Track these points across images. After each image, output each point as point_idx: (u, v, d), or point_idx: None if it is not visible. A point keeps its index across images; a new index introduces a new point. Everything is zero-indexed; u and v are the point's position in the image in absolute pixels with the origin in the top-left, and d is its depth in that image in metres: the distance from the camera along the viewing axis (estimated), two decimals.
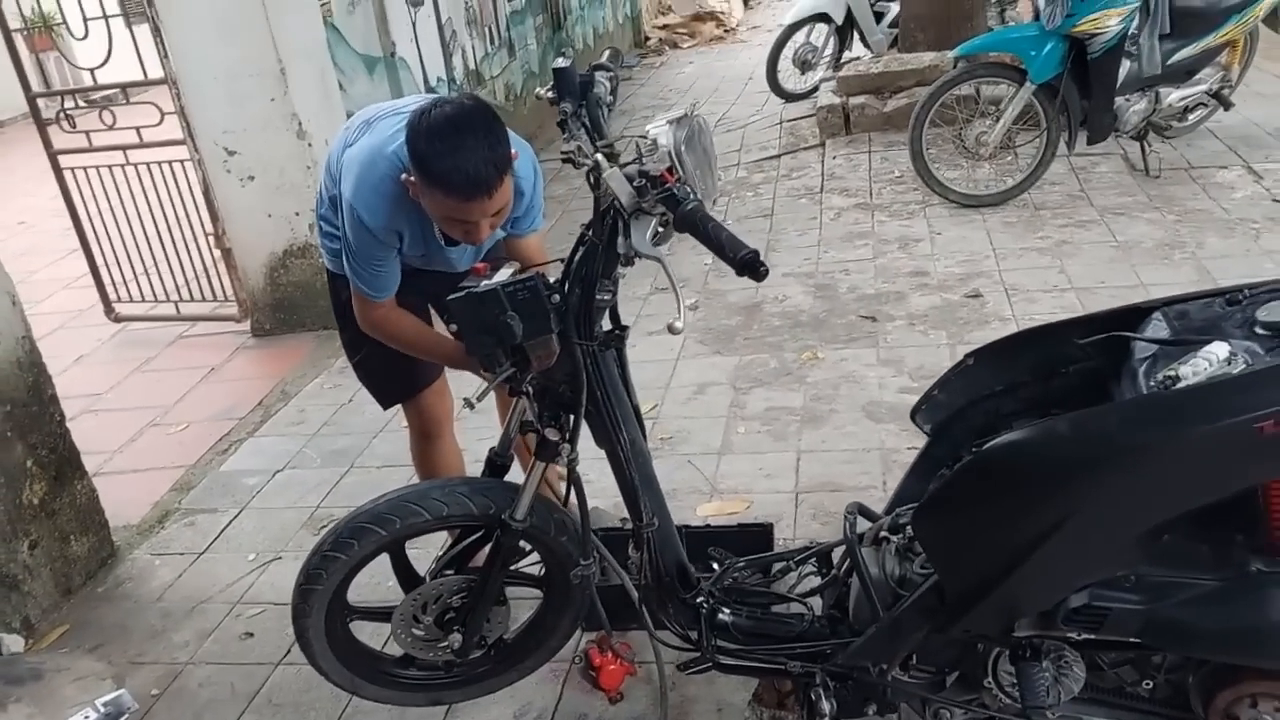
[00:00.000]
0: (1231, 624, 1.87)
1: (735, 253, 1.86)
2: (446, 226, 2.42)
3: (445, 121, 2.22)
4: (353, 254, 2.56)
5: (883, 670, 2.18)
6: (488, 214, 2.31)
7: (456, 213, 2.30)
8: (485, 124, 2.25)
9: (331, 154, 2.72)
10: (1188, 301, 2.06)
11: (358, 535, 2.38)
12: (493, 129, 2.26)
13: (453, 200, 2.26)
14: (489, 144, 2.23)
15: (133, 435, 4.71)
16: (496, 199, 2.28)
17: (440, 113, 2.23)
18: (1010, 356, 2.27)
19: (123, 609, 3.48)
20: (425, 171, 2.25)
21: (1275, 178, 5.74)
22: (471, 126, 2.22)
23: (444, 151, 2.20)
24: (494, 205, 2.29)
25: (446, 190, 2.24)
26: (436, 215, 2.38)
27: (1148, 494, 1.79)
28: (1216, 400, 1.72)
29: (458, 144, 2.20)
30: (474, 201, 2.25)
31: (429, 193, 2.29)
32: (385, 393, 3.09)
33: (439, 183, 2.24)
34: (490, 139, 2.24)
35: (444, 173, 2.21)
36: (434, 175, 2.23)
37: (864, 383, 4.22)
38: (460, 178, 2.21)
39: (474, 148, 2.20)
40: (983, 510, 1.91)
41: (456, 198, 2.25)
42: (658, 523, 2.33)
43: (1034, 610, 1.96)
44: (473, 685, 2.70)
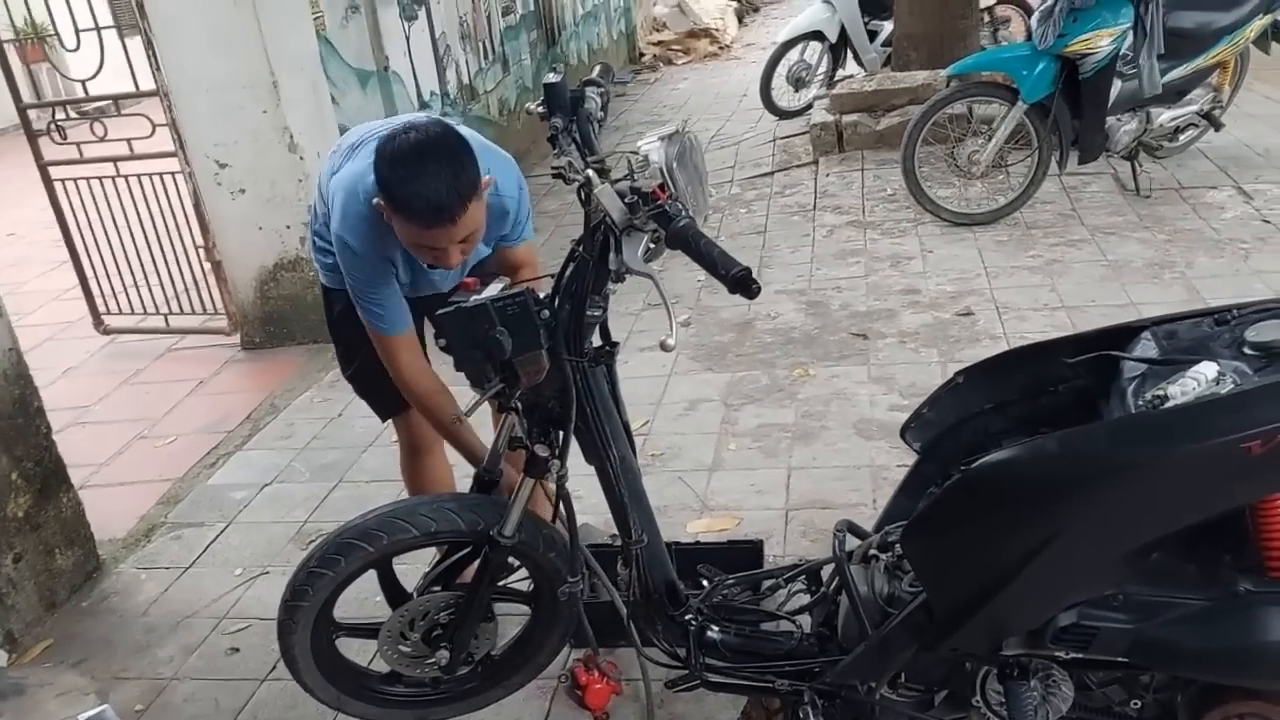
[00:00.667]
0: (1219, 643, 1.86)
1: (727, 270, 1.86)
2: (415, 252, 2.41)
3: (410, 148, 2.21)
4: (355, 290, 2.55)
5: (871, 688, 2.17)
6: (454, 240, 2.29)
7: (422, 239, 2.29)
8: (450, 151, 2.23)
9: (322, 175, 2.72)
10: (1176, 321, 2.07)
11: (345, 551, 2.37)
12: (458, 155, 2.24)
13: (415, 226, 2.24)
14: (453, 171, 2.21)
15: (120, 448, 4.69)
16: (461, 226, 2.25)
17: (405, 139, 2.22)
18: (1000, 375, 2.26)
19: (107, 623, 3.46)
20: (390, 197, 2.24)
21: (1265, 198, 5.76)
22: (435, 153, 2.21)
23: (406, 178, 2.19)
24: (459, 232, 2.27)
25: (408, 216, 2.23)
26: (405, 240, 2.36)
27: (1136, 513, 1.79)
28: (1204, 420, 1.72)
29: (420, 170, 2.19)
30: (437, 228, 2.23)
31: (396, 219, 2.28)
32: (382, 404, 3.07)
33: (402, 209, 2.23)
34: (455, 166, 2.22)
35: (406, 198, 2.20)
36: (397, 201, 2.22)
37: (855, 400, 4.21)
38: (421, 204, 2.20)
39: (436, 174, 2.19)
40: (971, 528, 1.91)
41: (419, 224, 2.23)
42: (647, 540, 2.32)
43: (1022, 629, 1.96)
44: (459, 702, 2.68)
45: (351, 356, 2.92)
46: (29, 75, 6.08)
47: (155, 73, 5.18)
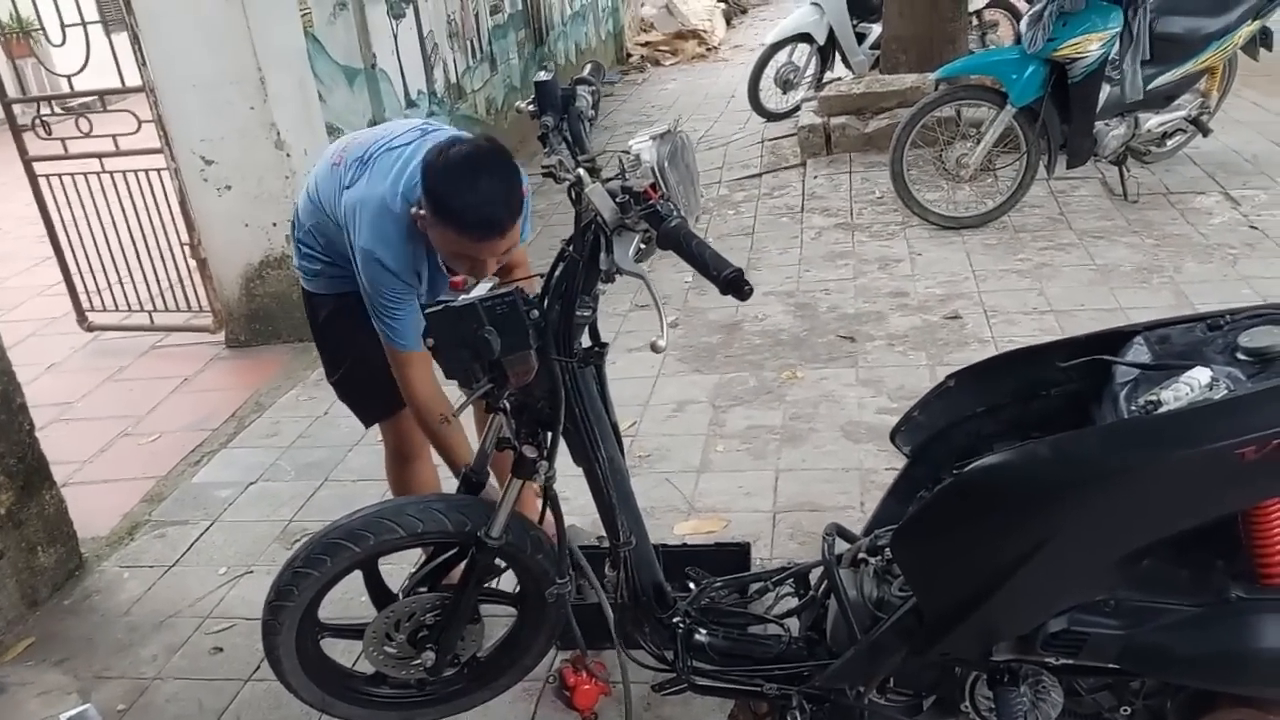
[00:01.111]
0: (1211, 650, 1.85)
1: (719, 271, 1.85)
2: (453, 261, 2.43)
3: (463, 160, 2.25)
4: (374, 302, 2.54)
5: (860, 693, 2.16)
6: (497, 253, 2.34)
7: (467, 250, 2.32)
8: (502, 166, 2.29)
9: (318, 186, 2.71)
10: (1169, 326, 2.05)
11: (330, 551, 2.35)
12: (509, 172, 2.29)
13: (465, 239, 2.27)
14: (506, 187, 2.27)
15: (103, 445, 4.66)
16: (508, 239, 2.31)
17: (458, 152, 2.26)
18: (991, 379, 2.25)
19: (90, 622, 3.43)
20: (440, 209, 2.27)
21: (1252, 204, 5.77)
22: (489, 168, 2.26)
23: (461, 191, 2.23)
24: (504, 245, 2.32)
25: (460, 229, 2.26)
26: (444, 250, 2.39)
27: (1128, 518, 1.78)
28: (1198, 425, 1.71)
29: (474, 184, 2.23)
30: (486, 242, 2.28)
31: (440, 229, 2.30)
32: (367, 409, 3.05)
33: (453, 222, 2.26)
34: (508, 182, 2.28)
35: (459, 211, 2.24)
36: (449, 213, 2.26)
37: (843, 402, 4.20)
38: (475, 217, 2.24)
39: (490, 188, 2.24)
40: (962, 533, 1.89)
41: (470, 237, 2.27)
42: (635, 542, 2.31)
43: (1013, 634, 1.95)
44: (445, 703, 2.66)
45: (338, 363, 2.91)
46: (14, 71, 6.02)
47: (141, 68, 5.14)
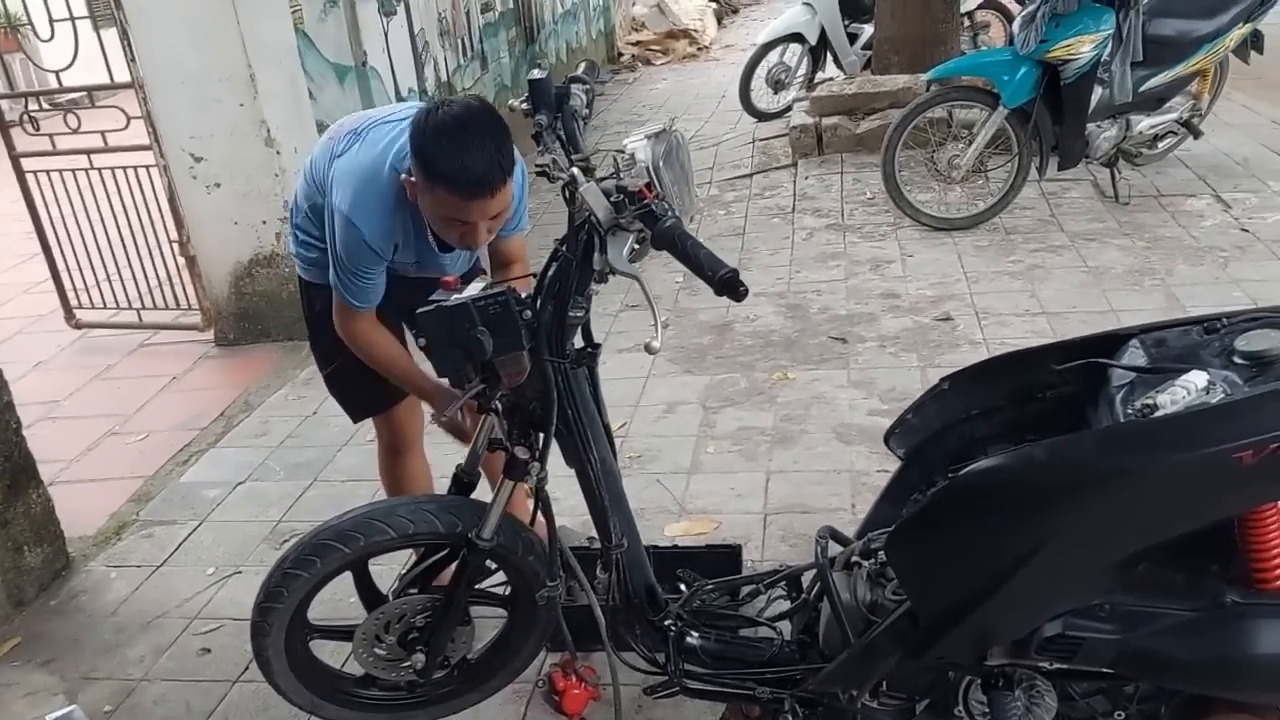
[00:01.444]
0: (1206, 655, 1.84)
1: (714, 271, 1.84)
2: (443, 229, 2.38)
3: (452, 120, 2.20)
4: (341, 264, 2.51)
5: (853, 697, 2.15)
6: (487, 215, 2.29)
7: (457, 212, 2.27)
8: (491, 124, 2.23)
9: (313, 163, 2.67)
10: (1165, 329, 2.05)
11: (321, 552, 2.33)
12: (498, 130, 2.24)
13: (455, 198, 2.22)
14: (495, 144, 2.21)
15: (91, 444, 4.62)
16: (498, 200, 2.26)
17: (447, 111, 2.21)
18: (986, 381, 2.24)
19: (76, 623, 3.40)
20: (430, 169, 2.21)
21: (1243, 207, 5.78)
22: (478, 126, 2.21)
23: (450, 150, 2.18)
24: (495, 206, 2.27)
25: (450, 188, 2.20)
26: (435, 216, 2.34)
27: (1124, 523, 1.77)
28: (1195, 429, 1.70)
29: (465, 142, 2.18)
30: (476, 200, 2.22)
31: (431, 192, 2.25)
32: (356, 406, 3.04)
33: (443, 180, 2.20)
34: (496, 139, 2.22)
35: (450, 171, 2.18)
36: (439, 173, 2.20)
37: (834, 404, 4.20)
38: (465, 176, 2.18)
39: (480, 146, 2.19)
40: (957, 536, 1.88)
41: (459, 196, 2.21)
42: (627, 544, 2.29)
43: (1008, 638, 1.94)
44: (435, 705, 2.64)
45: (331, 356, 2.88)
46: (2, 65, 5.99)
47: (130, 64, 5.10)
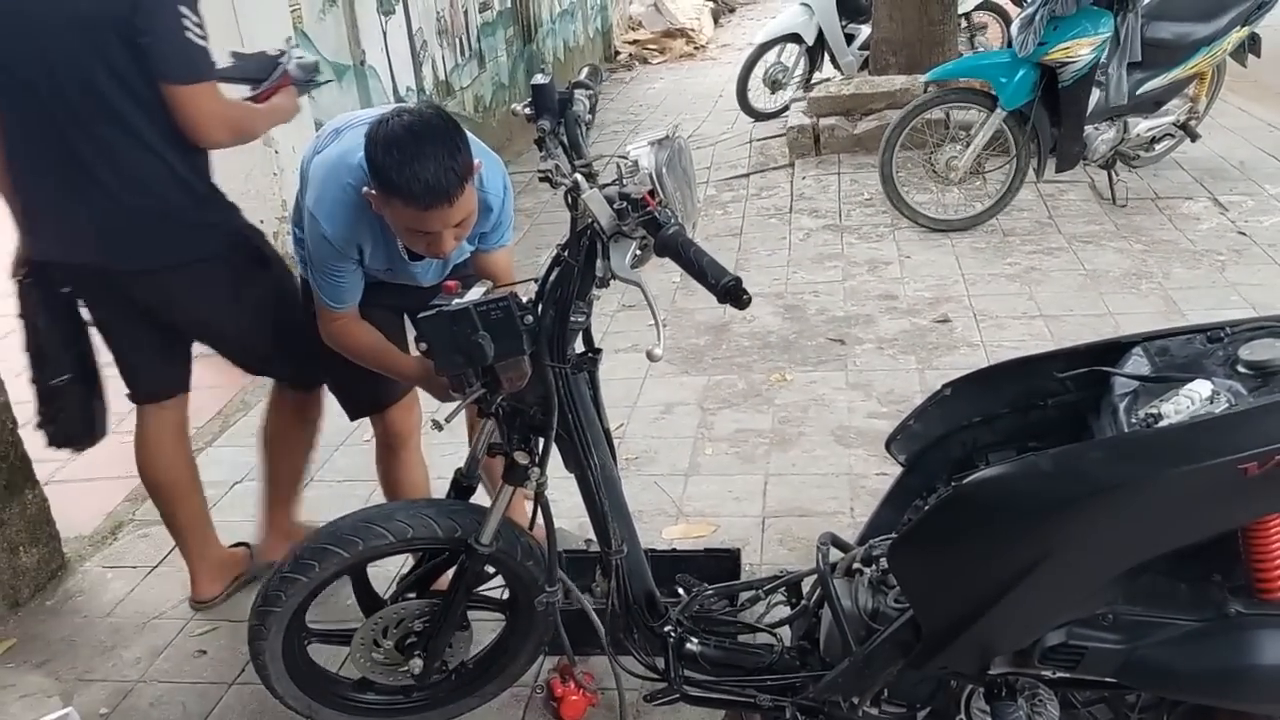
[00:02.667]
0: (1209, 666, 1.84)
1: (718, 279, 1.83)
2: (409, 239, 2.37)
3: (404, 130, 2.18)
4: (312, 263, 2.52)
5: (854, 705, 2.14)
6: (449, 224, 2.26)
7: (417, 223, 2.25)
8: (444, 132, 2.21)
9: (303, 162, 2.68)
10: (1169, 337, 2.04)
11: (319, 557, 2.33)
12: (452, 137, 2.21)
13: (412, 209, 2.20)
14: (448, 151, 2.18)
15: None
16: (458, 208, 2.23)
17: (399, 122, 2.19)
18: (988, 388, 2.24)
19: (72, 624, 3.38)
20: (384, 181, 2.20)
21: (1240, 210, 5.79)
22: (431, 135, 2.18)
23: (402, 160, 2.15)
24: (455, 215, 2.25)
25: (405, 199, 2.18)
26: (398, 227, 2.32)
27: (1128, 533, 1.76)
28: (1200, 440, 1.69)
29: (416, 152, 2.15)
30: (433, 210, 2.20)
31: (389, 203, 2.24)
32: (355, 404, 3.04)
33: (397, 192, 2.18)
34: (450, 147, 2.19)
35: (403, 182, 2.16)
36: (392, 185, 2.18)
37: (833, 406, 4.19)
38: (419, 186, 2.16)
39: (433, 155, 2.16)
40: (961, 545, 1.88)
41: (416, 206, 2.19)
42: (627, 549, 2.29)
43: (1012, 647, 1.93)
44: (433, 710, 2.64)
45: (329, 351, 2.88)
46: None
47: None
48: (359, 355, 2.67)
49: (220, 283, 3.01)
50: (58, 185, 2.81)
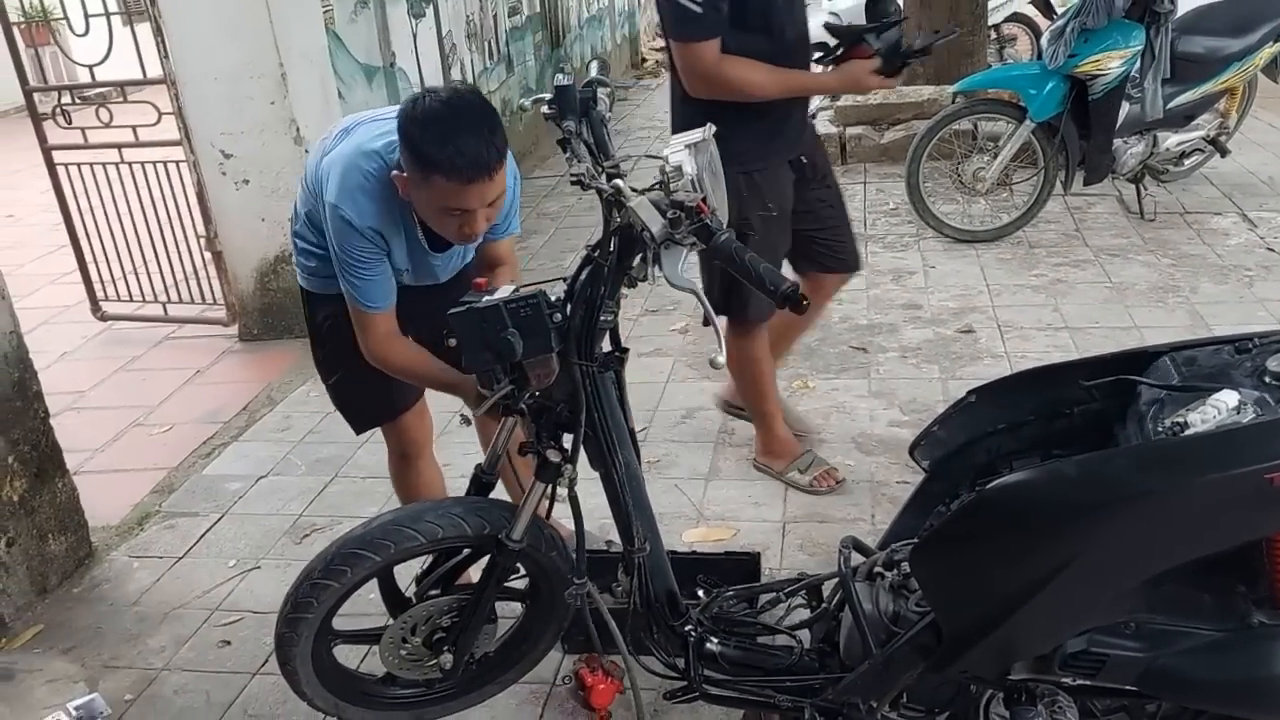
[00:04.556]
0: (1231, 676, 1.85)
1: (776, 286, 1.84)
2: (439, 222, 2.35)
3: (443, 106, 2.19)
4: (343, 263, 2.48)
5: (873, 708, 2.15)
6: (486, 201, 2.27)
7: (455, 200, 2.24)
8: (482, 108, 2.23)
9: (308, 166, 2.66)
10: (1196, 348, 2.05)
11: (351, 562, 2.33)
12: (489, 113, 2.23)
13: (453, 184, 2.19)
14: (489, 126, 2.20)
15: (115, 434, 4.66)
16: (496, 183, 2.24)
17: (435, 99, 2.21)
18: (1013, 395, 2.24)
19: (98, 611, 3.42)
20: (424, 158, 2.20)
21: (1269, 226, 5.77)
22: (470, 111, 2.20)
23: (444, 134, 2.16)
24: (493, 191, 2.25)
25: (447, 174, 2.18)
26: (432, 210, 2.31)
27: (1153, 541, 1.76)
28: (1227, 449, 1.70)
29: (457, 126, 2.17)
30: (475, 184, 2.20)
31: (426, 183, 2.23)
32: (361, 417, 3.03)
33: (439, 167, 2.18)
34: (489, 122, 2.21)
35: (446, 157, 2.17)
36: (434, 160, 2.18)
37: (855, 414, 4.20)
38: (462, 160, 2.16)
39: (473, 129, 2.18)
40: (984, 550, 1.88)
41: (458, 180, 2.19)
42: (649, 548, 2.30)
43: (1032, 653, 1.94)
44: (455, 700, 2.66)
45: (334, 367, 2.88)
46: (36, 59, 6.03)
47: (163, 60, 5.14)
48: (405, 368, 2.65)
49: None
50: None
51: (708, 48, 3.08)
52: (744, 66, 3.11)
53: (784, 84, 3.17)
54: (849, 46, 3.24)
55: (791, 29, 3.20)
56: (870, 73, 3.19)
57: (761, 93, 3.15)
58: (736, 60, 3.10)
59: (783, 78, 3.15)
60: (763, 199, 3.32)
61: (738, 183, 3.12)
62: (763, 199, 3.32)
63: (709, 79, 3.13)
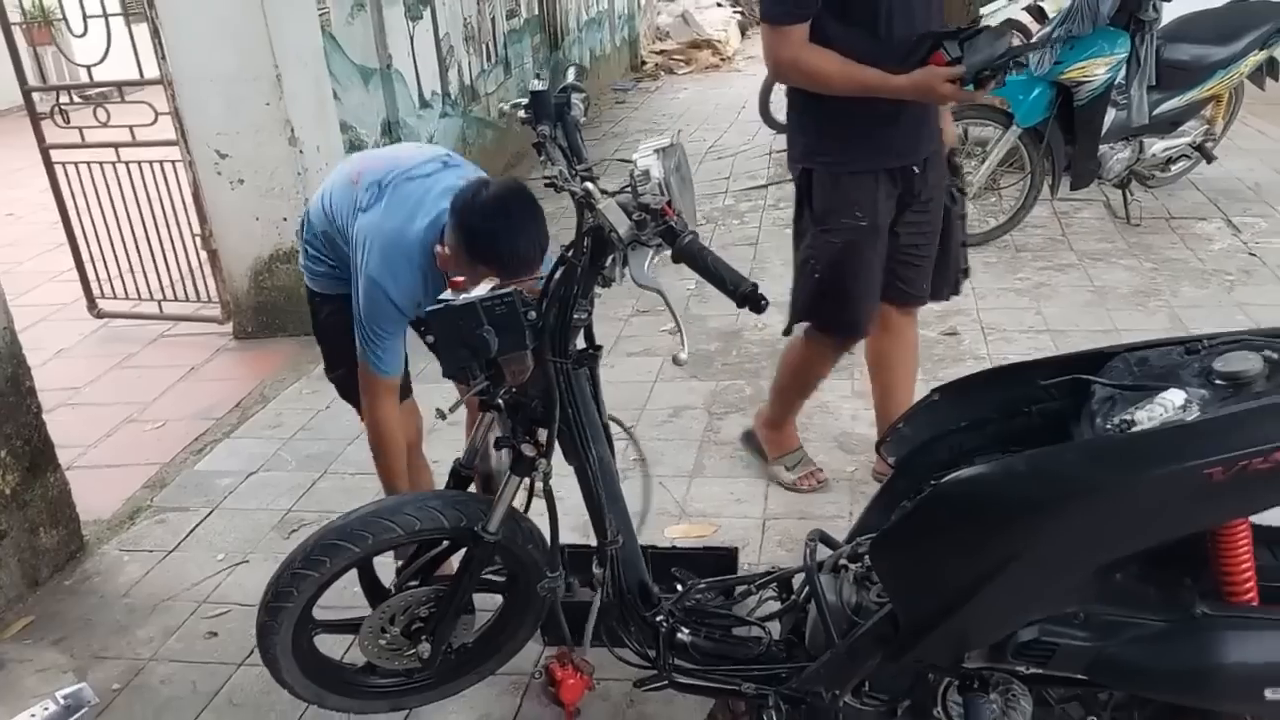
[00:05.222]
0: (1175, 665, 1.90)
1: (736, 285, 1.92)
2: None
3: (497, 202, 2.37)
4: (368, 334, 2.67)
5: (835, 696, 2.21)
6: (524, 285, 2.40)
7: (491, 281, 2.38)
8: (531, 206, 2.42)
9: (332, 200, 2.80)
10: (1149, 349, 2.11)
11: (330, 553, 2.40)
12: (537, 211, 2.43)
13: (501, 276, 2.31)
14: (536, 226, 2.41)
15: (108, 430, 4.72)
16: (535, 273, 2.40)
17: (492, 194, 2.39)
18: (976, 394, 2.30)
19: (88, 603, 3.49)
20: (480, 251, 2.37)
21: (1252, 231, 5.83)
22: (523, 209, 2.39)
23: (501, 232, 2.35)
24: (530, 282, 2.38)
25: (500, 268, 2.33)
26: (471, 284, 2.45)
27: (1099, 534, 1.82)
28: (1169, 446, 1.76)
29: (513, 226, 2.35)
30: (518, 279, 2.33)
31: (473, 268, 2.35)
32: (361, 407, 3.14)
33: (493, 260, 2.35)
34: (538, 221, 2.41)
35: (502, 253, 2.35)
36: (490, 253, 2.36)
37: (838, 414, 4.26)
38: (515, 262, 2.36)
39: (524, 230, 2.38)
40: (938, 542, 1.95)
41: (506, 274, 2.32)
42: (622, 540, 2.37)
43: (985, 642, 2.00)
44: (434, 690, 2.73)
45: (335, 362, 3.04)
46: (35, 58, 6.09)
47: (160, 61, 5.21)
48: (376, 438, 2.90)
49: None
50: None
51: (791, 32, 2.89)
52: (820, 57, 2.90)
53: (852, 80, 2.90)
54: (927, 51, 2.91)
55: (904, 27, 2.91)
56: (946, 81, 2.83)
57: (827, 87, 2.94)
58: (816, 50, 2.90)
59: (853, 74, 2.89)
60: (850, 205, 3.10)
61: (824, 182, 3.10)
62: (850, 205, 3.10)
63: (783, 65, 2.96)
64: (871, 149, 3.06)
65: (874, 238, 3.15)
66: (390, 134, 6.50)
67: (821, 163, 3.11)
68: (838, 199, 3.10)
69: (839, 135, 3.02)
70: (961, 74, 2.80)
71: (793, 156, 3.23)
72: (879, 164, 3.08)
